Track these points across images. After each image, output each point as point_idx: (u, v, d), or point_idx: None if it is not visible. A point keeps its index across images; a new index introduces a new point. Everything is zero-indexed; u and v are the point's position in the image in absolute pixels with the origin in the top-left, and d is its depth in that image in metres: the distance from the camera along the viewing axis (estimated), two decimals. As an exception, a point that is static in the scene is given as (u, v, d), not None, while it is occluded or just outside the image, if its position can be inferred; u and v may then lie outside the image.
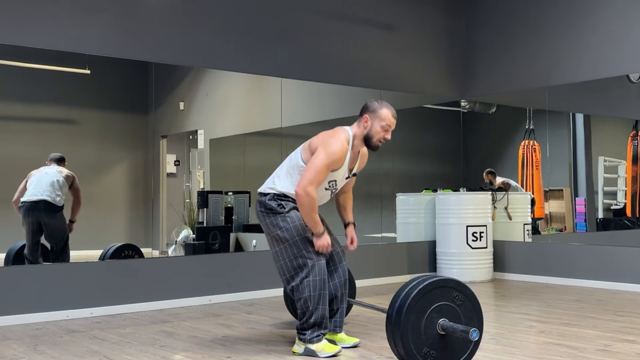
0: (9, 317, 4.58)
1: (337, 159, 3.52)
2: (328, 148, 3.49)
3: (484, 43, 7.42)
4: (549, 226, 7.34)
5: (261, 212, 3.70)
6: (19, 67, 5.15)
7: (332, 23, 6.51)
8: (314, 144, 3.58)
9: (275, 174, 3.75)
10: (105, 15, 5.21)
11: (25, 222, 5.11)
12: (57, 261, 5.16)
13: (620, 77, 6.41)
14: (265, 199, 3.68)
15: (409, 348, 3.04)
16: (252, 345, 3.84)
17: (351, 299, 4.28)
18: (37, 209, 5.13)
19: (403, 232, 7.19)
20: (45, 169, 5.18)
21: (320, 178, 3.48)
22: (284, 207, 3.61)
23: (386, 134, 3.61)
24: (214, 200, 6.22)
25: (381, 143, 3.63)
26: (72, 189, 5.27)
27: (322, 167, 3.47)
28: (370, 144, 3.62)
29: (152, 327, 4.46)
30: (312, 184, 3.45)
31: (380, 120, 3.59)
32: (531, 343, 3.90)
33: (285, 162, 3.77)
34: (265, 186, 3.74)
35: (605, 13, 6.40)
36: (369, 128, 3.60)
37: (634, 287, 5.87)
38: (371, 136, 3.60)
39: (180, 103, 6.39)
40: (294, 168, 3.64)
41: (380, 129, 3.59)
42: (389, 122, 3.60)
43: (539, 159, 7.32)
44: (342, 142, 3.54)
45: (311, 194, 3.45)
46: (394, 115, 3.63)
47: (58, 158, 5.24)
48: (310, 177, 3.45)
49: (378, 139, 3.61)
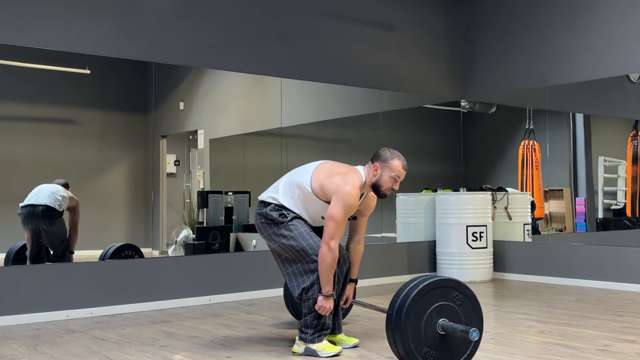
0: (9, 317, 4.58)
1: (354, 208, 3.58)
2: (345, 200, 3.50)
3: (484, 43, 7.42)
4: (549, 226, 7.34)
5: (262, 224, 3.70)
6: (19, 67, 5.15)
7: (332, 23, 6.51)
8: (327, 188, 3.57)
9: (275, 186, 3.76)
10: (105, 15, 5.21)
11: (25, 228, 5.09)
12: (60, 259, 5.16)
13: (620, 77, 6.41)
14: (266, 209, 3.68)
15: (409, 348, 3.04)
16: (252, 345, 3.84)
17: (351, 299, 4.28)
18: (35, 214, 5.11)
19: (403, 232, 7.18)
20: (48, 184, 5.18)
21: (342, 230, 3.53)
22: (286, 217, 3.62)
23: (395, 184, 3.65)
24: (214, 200, 6.22)
25: (388, 193, 3.67)
26: (72, 213, 5.22)
27: (342, 219, 3.51)
28: (379, 192, 3.66)
29: (152, 327, 4.46)
30: (333, 238, 3.49)
31: (391, 170, 3.63)
32: (531, 343, 3.90)
33: (284, 178, 3.76)
34: (266, 195, 3.74)
35: (605, 13, 6.40)
36: (378, 177, 3.63)
37: (634, 287, 5.87)
38: (380, 185, 3.63)
39: (180, 103, 6.39)
40: (299, 186, 3.64)
41: (390, 179, 3.63)
42: (398, 173, 3.65)
43: (539, 159, 7.31)
44: (356, 190, 3.56)
45: (334, 251, 3.48)
46: (404, 167, 3.68)
47: (63, 183, 5.25)
48: (332, 231, 3.48)
49: (387, 189, 3.64)
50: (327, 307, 3.53)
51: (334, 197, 3.51)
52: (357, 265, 3.90)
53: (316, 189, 3.59)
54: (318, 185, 3.59)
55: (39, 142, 5.29)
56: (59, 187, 5.18)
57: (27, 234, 5.09)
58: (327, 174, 3.62)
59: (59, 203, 5.16)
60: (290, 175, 3.76)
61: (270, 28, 6.11)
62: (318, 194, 3.59)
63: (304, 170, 3.72)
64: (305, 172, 3.69)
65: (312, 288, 3.56)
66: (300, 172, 3.72)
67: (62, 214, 5.20)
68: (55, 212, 5.17)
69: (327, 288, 3.52)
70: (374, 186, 3.64)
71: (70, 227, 5.21)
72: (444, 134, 8.04)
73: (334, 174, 3.60)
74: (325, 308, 3.53)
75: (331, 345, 3.61)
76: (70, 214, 5.23)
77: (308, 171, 3.68)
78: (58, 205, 5.17)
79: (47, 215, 5.14)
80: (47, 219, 5.15)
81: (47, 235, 5.15)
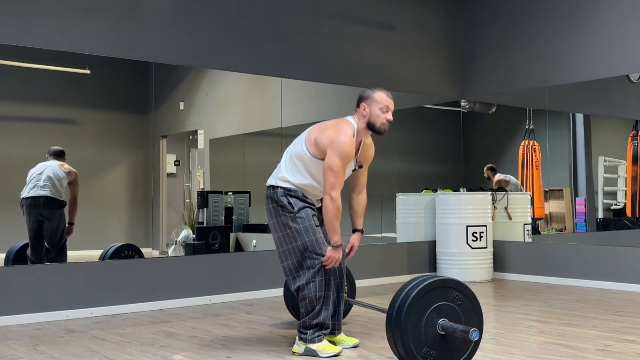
0: (9, 317, 4.58)
1: (350, 156, 3.56)
2: (339, 148, 3.50)
3: (484, 43, 7.42)
4: (549, 226, 7.34)
5: (273, 208, 3.66)
6: (19, 67, 5.15)
7: (332, 23, 6.51)
8: (321, 142, 3.56)
9: (278, 167, 3.75)
10: (105, 15, 5.21)
11: (27, 219, 5.09)
12: (54, 260, 5.15)
13: (620, 77, 6.41)
14: (276, 194, 3.64)
15: (409, 348, 3.04)
16: (252, 345, 3.84)
17: (351, 299, 4.28)
18: (37, 205, 5.12)
19: (403, 232, 7.19)
20: (46, 163, 5.16)
21: (341, 179, 3.53)
22: (294, 207, 3.60)
23: (387, 115, 3.64)
24: (214, 200, 6.23)
25: (386, 125, 3.65)
26: (71, 186, 5.23)
27: (339, 168, 3.50)
28: (375, 129, 3.65)
29: (152, 327, 4.46)
30: (334, 188, 3.48)
31: (377, 103, 3.63)
32: (531, 343, 3.90)
33: (284, 156, 3.76)
34: (273, 178, 3.72)
35: (605, 13, 6.40)
36: (368, 115, 3.63)
37: (634, 287, 5.87)
38: (373, 122, 3.63)
39: (180, 103, 6.39)
40: (298, 157, 3.64)
41: (379, 111, 3.62)
42: (385, 102, 3.64)
43: (539, 159, 7.32)
44: (350, 138, 3.55)
45: (336, 200, 3.48)
46: (388, 95, 3.67)
47: (58, 152, 5.22)
48: (331, 181, 3.48)
49: (381, 123, 3.63)
50: (335, 258, 3.54)
51: (329, 149, 3.51)
52: (361, 215, 3.90)
53: (313, 151, 3.59)
54: (313, 146, 3.59)
55: (39, 142, 5.28)
56: (56, 168, 5.16)
57: (28, 227, 5.08)
58: (318, 131, 3.62)
59: (59, 191, 5.16)
60: (287, 151, 3.76)
61: (270, 28, 6.11)
62: (316, 155, 3.58)
63: (297, 141, 3.73)
64: (299, 142, 3.70)
65: (307, 286, 3.55)
66: (295, 144, 3.73)
67: (63, 204, 5.20)
68: (56, 202, 5.17)
69: (335, 238, 3.52)
70: (369, 125, 3.64)
71: (70, 200, 5.23)
72: (444, 134, 8.04)
73: (325, 129, 3.61)
74: (334, 259, 3.53)
75: (331, 345, 3.61)
76: (70, 187, 5.23)
77: (301, 139, 3.69)
78: (58, 193, 5.17)
79: (48, 206, 5.15)
80: (49, 209, 5.16)
81: (47, 225, 5.15)
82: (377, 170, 7.08)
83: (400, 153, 7.59)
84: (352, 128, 3.61)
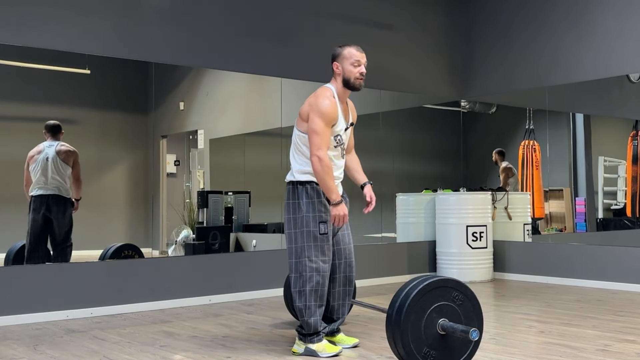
0: (9, 317, 4.58)
1: (331, 115, 3.57)
2: (318, 109, 3.54)
3: (484, 43, 7.42)
4: (549, 226, 7.34)
5: (286, 205, 3.70)
6: (19, 67, 5.15)
7: (332, 23, 6.51)
8: (304, 112, 3.62)
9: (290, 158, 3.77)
10: (106, 15, 5.21)
11: (33, 217, 5.08)
12: (60, 256, 5.15)
13: (620, 77, 6.41)
14: (290, 190, 3.67)
15: (409, 348, 3.04)
16: (252, 345, 3.84)
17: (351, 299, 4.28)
18: (46, 203, 5.12)
19: (403, 232, 7.18)
20: (45, 150, 5.15)
21: (326, 139, 3.54)
22: (302, 208, 3.60)
23: (360, 68, 3.65)
24: (214, 200, 6.23)
25: (361, 80, 3.66)
26: (74, 167, 5.24)
27: (323, 129, 3.52)
28: (350, 85, 3.66)
29: (152, 327, 4.46)
30: (320, 148, 3.50)
31: (347, 58, 3.66)
32: (531, 343, 3.90)
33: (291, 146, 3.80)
34: (289, 173, 3.74)
35: (605, 13, 6.40)
36: (342, 72, 3.66)
37: (634, 287, 5.87)
38: (347, 78, 3.65)
39: (180, 103, 6.39)
40: (298, 143, 3.67)
41: (351, 66, 3.65)
42: (355, 56, 3.66)
43: (539, 159, 7.31)
44: (329, 99, 3.59)
45: (323, 159, 3.49)
46: (358, 50, 3.69)
47: (56, 128, 5.20)
48: (316, 142, 3.50)
49: (355, 77, 3.65)
50: (340, 215, 3.53)
51: (310, 114, 3.55)
52: (360, 170, 3.94)
53: (303, 128, 3.63)
54: (301, 123, 3.64)
55: (38, 142, 5.27)
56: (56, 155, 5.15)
57: (31, 224, 5.07)
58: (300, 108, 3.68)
59: (66, 184, 5.17)
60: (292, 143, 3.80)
61: (270, 28, 6.11)
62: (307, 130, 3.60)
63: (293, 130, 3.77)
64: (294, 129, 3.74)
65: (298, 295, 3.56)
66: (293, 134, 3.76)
67: (70, 201, 5.20)
68: (64, 199, 5.18)
69: (333, 196, 3.53)
70: (345, 82, 3.66)
71: (73, 181, 5.23)
72: (444, 134, 8.04)
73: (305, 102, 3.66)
74: (339, 216, 3.53)
75: (331, 345, 3.61)
76: (73, 169, 5.24)
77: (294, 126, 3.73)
78: (65, 188, 5.18)
79: (57, 204, 5.16)
80: (58, 207, 5.16)
81: (56, 223, 5.15)
82: (377, 170, 7.09)
83: (400, 153, 7.59)
84: (331, 90, 3.65)
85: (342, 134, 3.67)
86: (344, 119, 3.69)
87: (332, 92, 3.65)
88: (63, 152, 5.20)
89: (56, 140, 5.20)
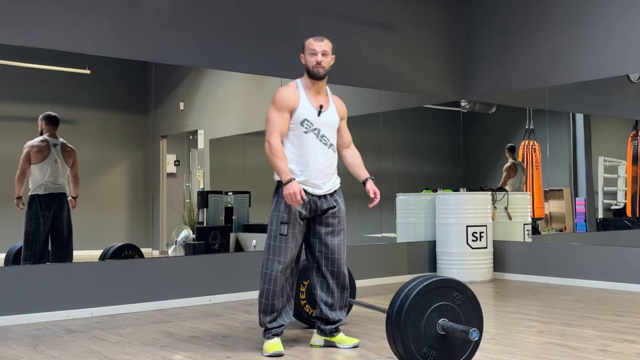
0: (9, 317, 4.58)
1: (284, 100, 3.66)
2: (272, 98, 3.69)
3: (484, 43, 7.42)
4: (549, 226, 7.34)
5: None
6: (19, 67, 5.15)
7: (332, 23, 6.51)
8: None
9: None
10: (106, 15, 5.21)
11: (36, 216, 5.08)
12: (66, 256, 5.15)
13: (620, 77, 6.41)
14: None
15: (409, 348, 3.04)
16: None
17: (351, 299, 4.28)
18: (53, 203, 5.13)
19: (403, 232, 7.18)
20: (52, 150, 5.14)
21: (277, 124, 3.63)
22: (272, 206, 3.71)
23: (315, 57, 3.70)
24: (214, 200, 6.23)
25: (317, 68, 3.69)
26: (73, 165, 5.26)
27: (272, 115, 3.66)
28: (310, 73, 3.73)
29: (152, 327, 4.46)
30: (271, 134, 3.63)
31: (307, 49, 3.74)
32: (531, 343, 3.90)
33: None
34: None
35: (605, 13, 6.40)
36: (305, 63, 3.75)
37: (634, 287, 5.87)
38: (308, 67, 3.73)
39: (180, 103, 6.39)
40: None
41: (309, 56, 3.72)
42: (311, 45, 3.73)
43: (539, 159, 7.32)
44: (286, 88, 3.71)
45: (272, 143, 3.60)
46: (316, 40, 3.75)
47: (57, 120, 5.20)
48: (268, 129, 3.65)
49: (312, 67, 3.71)
50: (291, 193, 3.53)
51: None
52: (361, 165, 3.95)
53: None
54: None
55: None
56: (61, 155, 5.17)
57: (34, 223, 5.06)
58: None
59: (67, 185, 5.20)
60: None
61: (270, 28, 6.11)
62: None
63: None
64: None
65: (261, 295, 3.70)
66: None
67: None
68: (67, 199, 5.22)
69: (283, 177, 3.57)
70: (307, 72, 3.74)
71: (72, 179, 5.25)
72: (444, 134, 8.04)
73: None
74: (289, 195, 3.54)
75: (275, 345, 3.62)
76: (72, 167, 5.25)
77: None
78: (68, 189, 5.22)
79: (64, 201, 5.17)
80: (63, 205, 5.18)
81: (60, 221, 5.15)
82: (377, 170, 7.09)
83: (400, 153, 7.59)
84: (295, 82, 3.76)
85: (313, 120, 3.68)
86: (312, 105, 3.70)
87: (295, 83, 3.76)
88: (67, 152, 5.21)
89: (55, 136, 5.19)
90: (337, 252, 3.75)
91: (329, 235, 3.72)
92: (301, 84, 3.75)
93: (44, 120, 5.18)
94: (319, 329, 3.81)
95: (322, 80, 3.74)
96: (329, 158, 3.73)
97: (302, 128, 3.66)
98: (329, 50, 3.74)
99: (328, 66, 3.73)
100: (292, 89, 3.71)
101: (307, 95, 3.71)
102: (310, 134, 3.67)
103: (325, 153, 3.71)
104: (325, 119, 3.73)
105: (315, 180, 3.67)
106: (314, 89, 3.74)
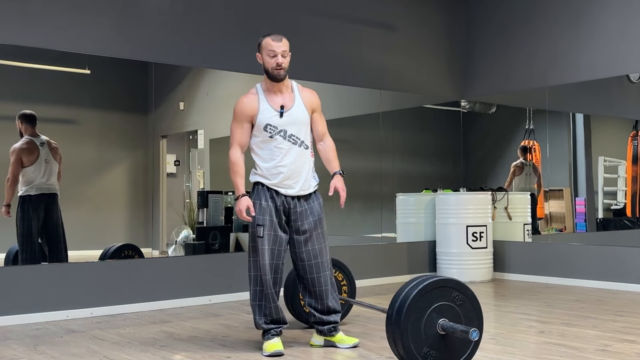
0: (9, 317, 4.58)
1: (242, 110, 3.68)
2: (233, 110, 3.70)
3: (484, 43, 7.42)
4: (549, 226, 7.34)
5: None
6: (19, 67, 5.15)
7: (332, 23, 6.51)
8: None
9: None
10: (106, 15, 5.21)
11: (29, 217, 5.07)
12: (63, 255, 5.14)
13: (620, 77, 6.41)
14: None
15: (409, 348, 3.04)
16: (252, 345, 3.84)
17: (351, 299, 4.29)
18: (46, 203, 5.12)
19: (403, 232, 7.18)
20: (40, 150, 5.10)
21: (236, 136, 3.69)
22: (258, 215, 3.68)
23: (275, 59, 3.65)
24: (214, 200, 6.22)
25: (278, 70, 3.66)
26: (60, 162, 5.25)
27: (232, 126, 3.72)
28: (269, 76, 3.69)
29: (152, 327, 4.46)
30: (230, 147, 3.69)
31: (265, 49, 3.69)
32: (531, 343, 3.90)
33: None
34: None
35: (604, 13, 6.40)
36: (263, 64, 3.70)
37: (634, 287, 5.87)
38: (267, 69, 3.69)
39: (180, 103, 6.39)
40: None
41: (268, 57, 3.67)
42: (270, 46, 3.66)
43: (539, 159, 7.32)
44: (245, 95, 3.71)
45: (230, 157, 3.68)
46: (274, 39, 3.68)
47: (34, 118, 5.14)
48: (230, 141, 3.69)
49: (271, 68, 3.66)
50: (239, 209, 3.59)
51: None
52: (333, 158, 3.84)
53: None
54: None
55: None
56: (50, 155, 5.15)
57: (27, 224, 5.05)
58: None
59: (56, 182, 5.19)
60: None
61: (270, 28, 6.09)
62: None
63: None
64: None
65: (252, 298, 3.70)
66: None
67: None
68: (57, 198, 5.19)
69: (236, 192, 3.65)
70: (266, 74, 3.69)
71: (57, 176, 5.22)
72: (444, 134, 8.04)
73: None
74: (240, 209, 3.58)
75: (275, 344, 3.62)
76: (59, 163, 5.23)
77: None
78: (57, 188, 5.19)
79: (56, 202, 5.17)
80: (56, 205, 5.17)
81: (53, 223, 5.14)
82: (377, 170, 7.09)
83: (400, 153, 7.59)
84: (255, 87, 3.74)
85: (276, 123, 3.64)
86: (272, 107, 3.67)
87: (255, 89, 3.73)
88: (53, 149, 5.19)
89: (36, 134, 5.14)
90: (314, 258, 3.72)
91: (307, 243, 3.70)
92: (261, 88, 3.71)
93: (21, 120, 5.10)
94: (318, 330, 3.81)
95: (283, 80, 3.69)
96: (300, 156, 3.69)
97: (266, 133, 3.64)
98: (288, 50, 3.69)
99: (287, 66, 3.68)
100: (251, 95, 3.68)
101: (267, 98, 3.67)
102: (277, 136, 3.64)
103: (295, 152, 3.67)
104: (290, 118, 3.68)
105: (287, 181, 3.67)
106: (275, 89, 3.70)
